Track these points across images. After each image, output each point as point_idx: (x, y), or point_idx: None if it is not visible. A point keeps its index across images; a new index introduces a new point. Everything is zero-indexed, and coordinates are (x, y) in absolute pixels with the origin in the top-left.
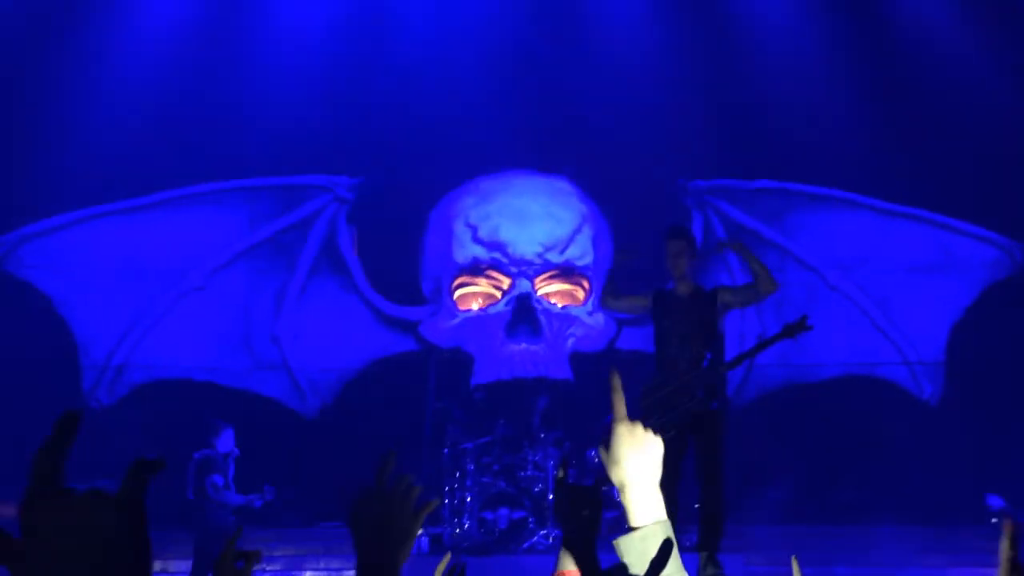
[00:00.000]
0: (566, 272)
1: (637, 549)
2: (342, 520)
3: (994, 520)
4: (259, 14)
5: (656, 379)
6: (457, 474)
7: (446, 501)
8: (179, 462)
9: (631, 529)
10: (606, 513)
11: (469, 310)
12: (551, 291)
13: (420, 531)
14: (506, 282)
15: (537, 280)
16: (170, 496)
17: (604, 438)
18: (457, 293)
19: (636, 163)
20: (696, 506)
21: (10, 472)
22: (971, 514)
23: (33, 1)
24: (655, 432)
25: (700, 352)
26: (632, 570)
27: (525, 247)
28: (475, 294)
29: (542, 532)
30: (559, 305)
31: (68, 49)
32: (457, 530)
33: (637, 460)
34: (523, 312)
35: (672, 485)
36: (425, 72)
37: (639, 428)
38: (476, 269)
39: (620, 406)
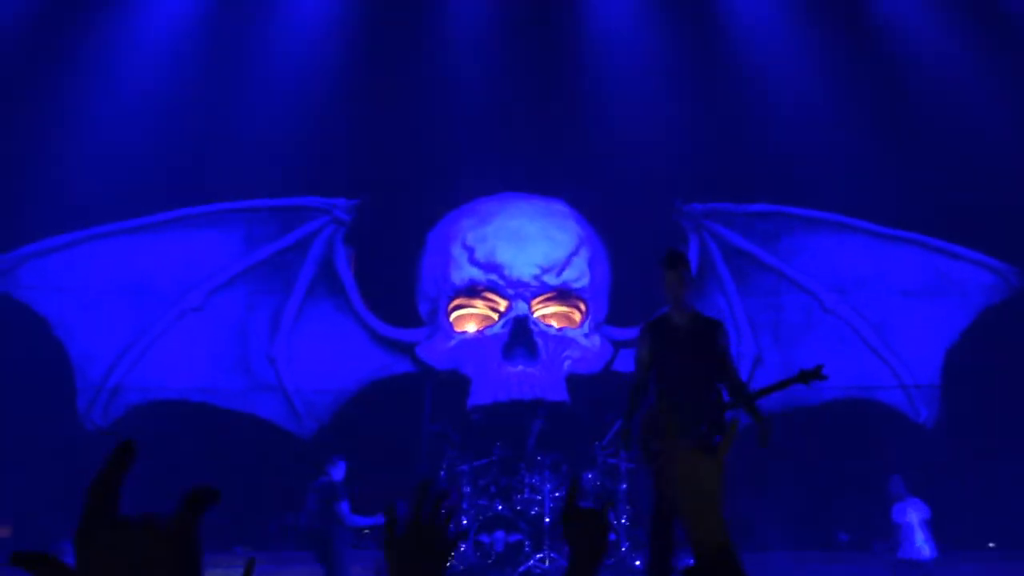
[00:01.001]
0: (563, 294)
1: None
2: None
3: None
4: (258, 37)
5: (656, 407)
6: (453, 496)
7: None
8: (175, 484)
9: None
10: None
11: (466, 332)
12: (548, 313)
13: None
14: (503, 304)
15: (534, 302)
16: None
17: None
18: (454, 315)
19: (633, 186)
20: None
21: (7, 492)
22: (968, 538)
23: (34, 25)
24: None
25: (700, 380)
26: None
27: (522, 269)
28: (472, 316)
29: (538, 555)
30: (556, 327)
31: (67, 71)
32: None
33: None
34: (520, 334)
35: (671, 513)
36: (422, 94)
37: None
38: (473, 291)
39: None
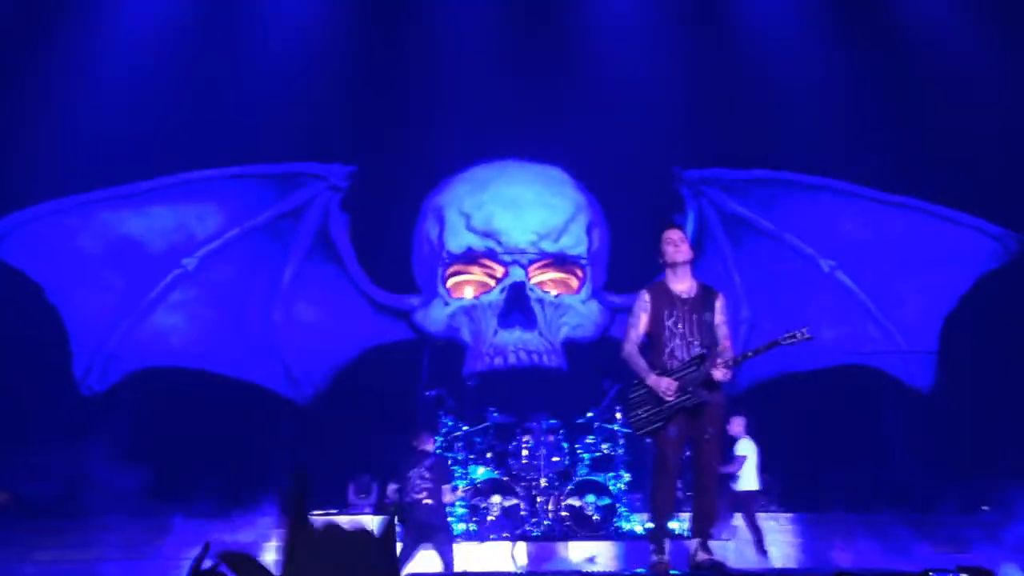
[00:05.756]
0: (560, 260)
1: None
2: (335, 508)
3: None
4: (254, 2)
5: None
6: (450, 462)
7: None
8: (172, 447)
9: None
10: None
11: (463, 298)
12: (545, 279)
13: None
14: (500, 270)
15: (531, 268)
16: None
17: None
18: (451, 281)
19: (632, 152)
20: (688, 494)
21: (7, 456)
22: (960, 502)
23: None
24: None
25: (698, 349)
26: None
27: (519, 235)
28: (469, 282)
29: (533, 519)
30: (553, 293)
31: (62, 39)
32: (450, 517)
33: None
34: (517, 301)
35: (673, 475)
36: (419, 61)
37: None
38: (470, 257)
39: None
